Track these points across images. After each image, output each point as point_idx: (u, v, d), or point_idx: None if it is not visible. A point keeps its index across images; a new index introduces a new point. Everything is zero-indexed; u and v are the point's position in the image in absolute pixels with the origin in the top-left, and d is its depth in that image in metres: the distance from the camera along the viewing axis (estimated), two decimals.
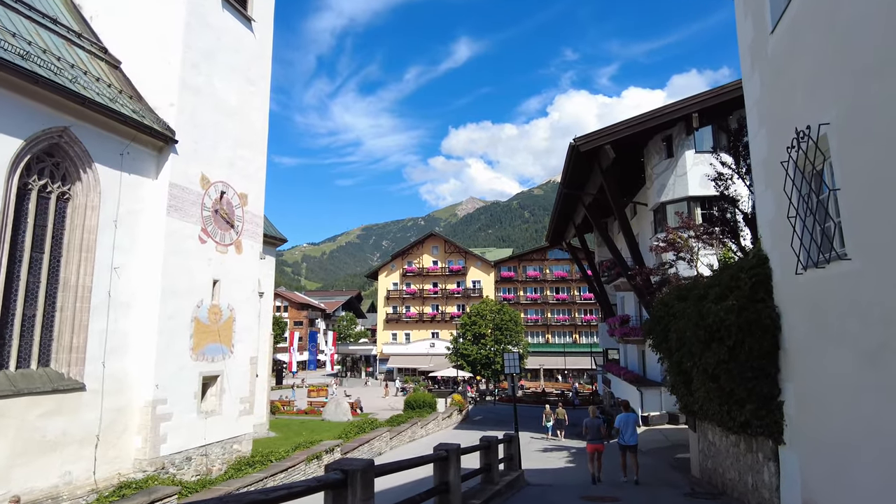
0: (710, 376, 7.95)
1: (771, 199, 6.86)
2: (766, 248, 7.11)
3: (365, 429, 18.65)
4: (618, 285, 28.47)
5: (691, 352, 8.44)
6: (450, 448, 6.64)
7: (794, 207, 5.80)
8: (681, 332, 8.99)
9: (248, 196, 20.69)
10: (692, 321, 8.20)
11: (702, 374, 8.36)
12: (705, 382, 8.46)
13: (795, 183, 5.78)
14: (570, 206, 28.39)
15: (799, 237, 5.68)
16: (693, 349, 8.31)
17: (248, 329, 20.37)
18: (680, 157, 20.66)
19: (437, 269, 71.58)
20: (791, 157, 5.79)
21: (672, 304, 10.49)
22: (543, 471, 15.15)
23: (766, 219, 7.05)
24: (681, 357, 9.75)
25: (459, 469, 6.63)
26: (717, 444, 9.99)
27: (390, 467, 4.86)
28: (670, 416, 20.50)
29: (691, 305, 8.61)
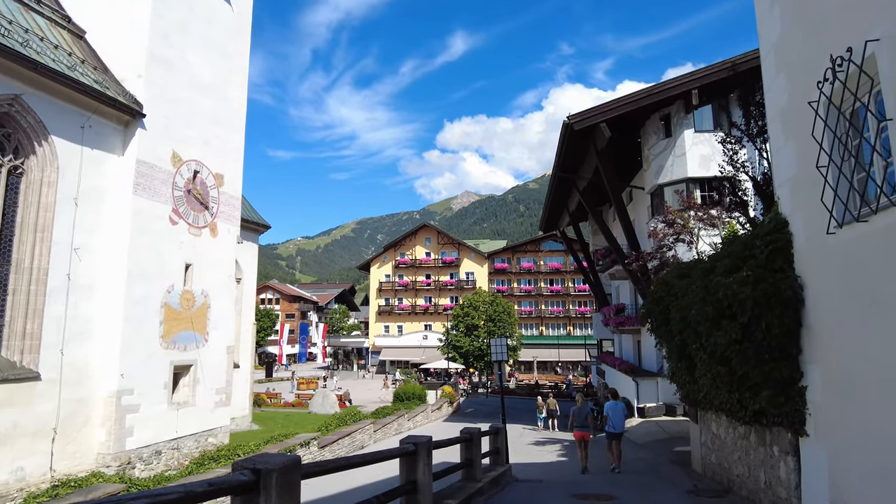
0: (719, 359, 7.02)
1: (792, 152, 5.90)
2: (786, 210, 6.16)
3: (347, 421, 17.72)
4: (613, 273, 27.57)
5: (697, 333, 7.50)
6: (419, 441, 5.69)
7: (827, 153, 4.84)
8: (684, 312, 8.05)
9: (225, 176, 19.63)
10: (698, 297, 7.25)
11: (708, 357, 7.43)
12: (712, 367, 7.53)
13: (829, 123, 4.82)
14: (564, 191, 27.44)
15: (833, 187, 4.73)
16: (699, 329, 7.36)
17: (225, 316, 19.36)
18: (678, 137, 19.72)
19: (429, 260, 70.64)
20: (823, 93, 4.83)
21: (673, 282, 9.55)
22: (534, 465, 14.26)
23: (786, 176, 6.09)
24: (683, 340, 8.82)
25: (430, 465, 5.68)
26: (722, 436, 9.08)
27: (329, 466, 3.88)
28: (667, 408, 19.65)
29: (697, 280, 7.66)
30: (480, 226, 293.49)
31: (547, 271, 67.29)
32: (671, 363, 10.70)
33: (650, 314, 10.70)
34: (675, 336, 9.58)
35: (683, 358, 9.34)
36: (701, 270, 7.64)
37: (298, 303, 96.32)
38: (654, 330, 10.86)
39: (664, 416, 19.62)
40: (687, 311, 7.85)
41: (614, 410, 12.49)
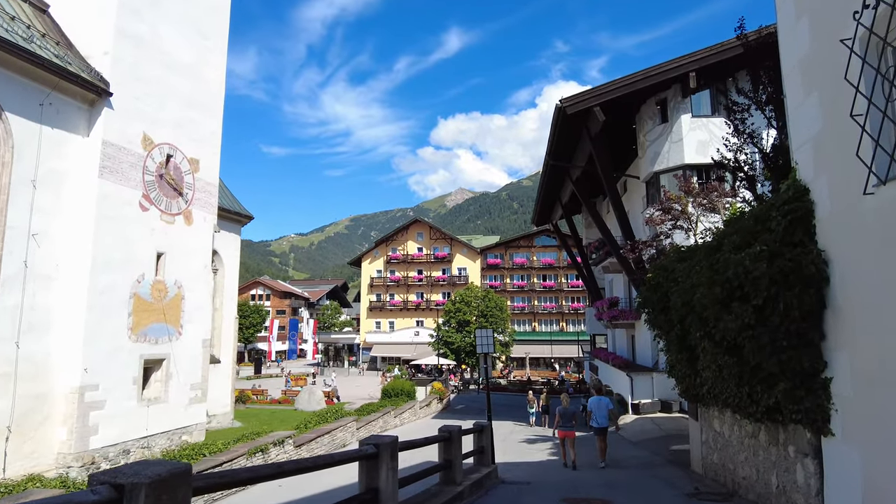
0: (727, 348, 6.21)
1: (814, 106, 5.09)
2: (806, 175, 5.36)
3: (328, 418, 16.88)
4: (606, 266, 26.80)
5: (701, 319, 6.69)
6: (381, 442, 4.85)
7: (866, 96, 4.02)
8: (686, 296, 7.24)
9: (200, 162, 18.70)
10: (703, 278, 6.44)
11: (714, 346, 6.63)
12: (718, 357, 6.74)
13: (868, 61, 4.00)
14: (556, 181, 26.64)
15: (874, 137, 3.91)
16: (704, 315, 6.55)
17: (200, 308, 18.46)
18: (675, 122, 18.94)
19: (421, 255, 69.71)
20: (861, 24, 4.00)
21: (673, 266, 8.76)
22: (523, 464, 13.46)
23: (807, 136, 5.28)
24: (685, 329, 8.03)
25: (395, 469, 4.86)
26: (726, 434, 8.30)
27: (240, 477, 3.03)
28: (663, 404, 18.90)
29: (701, 260, 6.85)
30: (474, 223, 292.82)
31: (540, 267, 66.54)
32: (670, 355, 9.91)
33: (647, 302, 9.90)
34: (674, 325, 8.79)
35: (684, 349, 8.55)
36: (706, 249, 6.83)
37: (289, 299, 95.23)
38: (651, 320, 10.06)
39: (659, 412, 18.88)
40: (690, 294, 7.04)
41: (598, 405, 12.48)
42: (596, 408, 12.46)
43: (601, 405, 12.55)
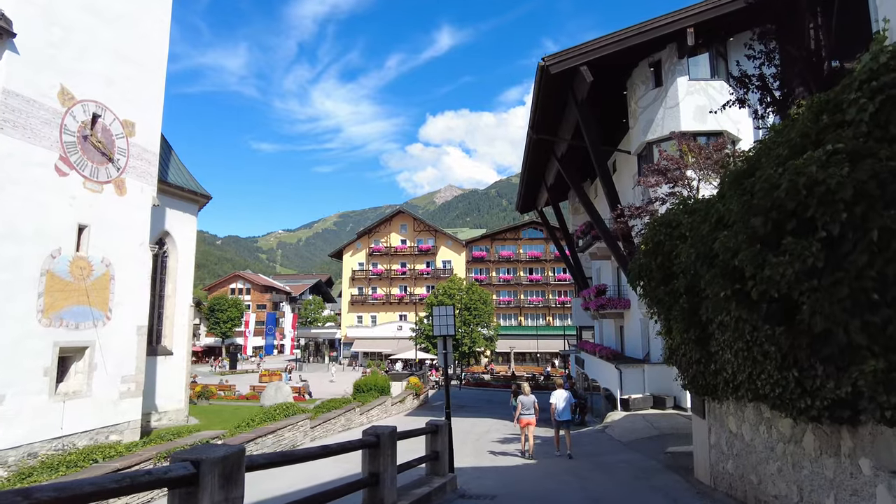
0: (769, 313, 4.20)
1: None
2: None
3: (276, 416, 14.82)
4: (594, 253, 24.88)
5: (727, 273, 4.66)
6: (204, 458, 2.79)
7: None
8: (702, 246, 5.25)
9: (137, 126, 16.46)
10: (733, 210, 4.43)
11: (747, 311, 4.63)
12: (748, 329, 4.77)
13: None
14: (541, 160, 24.65)
15: None
16: (732, 266, 4.52)
17: (134, 290, 16.28)
18: (671, 86, 17.00)
19: (405, 248, 67.59)
20: None
21: (678, 220, 6.79)
22: (495, 470, 11.46)
23: None
24: (695, 299, 6.10)
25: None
26: (747, 437, 6.33)
27: None
28: (655, 400, 17.00)
29: (728, 192, 4.84)
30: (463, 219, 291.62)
31: (526, 259, 64.67)
32: (671, 338, 7.95)
33: (642, 272, 7.91)
34: (679, 297, 6.81)
35: (693, 326, 6.58)
36: (734, 175, 4.81)
37: (270, 293, 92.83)
38: (647, 294, 8.09)
39: (652, 408, 16.99)
40: (706, 243, 5.04)
41: (561, 399, 12.75)
42: (559, 400, 12.69)
43: (564, 397, 12.79)
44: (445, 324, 8.83)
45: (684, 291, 6.62)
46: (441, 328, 8.83)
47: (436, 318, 8.96)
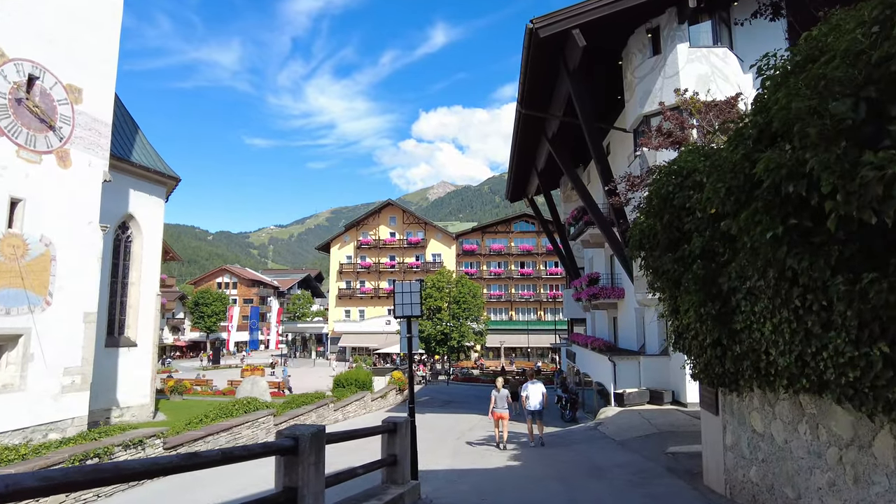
0: (841, 264, 2.79)
1: None
2: None
3: (234, 411, 13.37)
4: (586, 240, 23.55)
5: (771, 209, 3.26)
6: None
7: None
8: (735, 182, 3.86)
9: (85, 92, 14.91)
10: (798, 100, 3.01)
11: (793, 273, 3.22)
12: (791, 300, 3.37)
13: None
14: (531, 140, 23.23)
15: None
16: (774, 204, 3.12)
17: (82, 274, 14.75)
18: (670, 54, 15.63)
19: (394, 241, 66.02)
20: None
21: (692, 167, 5.41)
22: (474, 473, 10.08)
23: None
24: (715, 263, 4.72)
25: None
26: (778, 438, 4.97)
27: None
28: (652, 395, 15.69)
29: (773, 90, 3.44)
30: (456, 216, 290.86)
31: (518, 253, 63.30)
32: (678, 318, 6.58)
33: (645, 236, 6.53)
34: (692, 262, 5.45)
35: (711, 299, 5.21)
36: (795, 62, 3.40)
37: (258, 287, 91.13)
38: (649, 264, 6.72)
39: (648, 404, 15.67)
40: (740, 171, 3.65)
41: (533, 391, 13.26)
42: (532, 394, 13.17)
43: (537, 391, 13.25)
44: (409, 302, 7.41)
45: (700, 254, 5.24)
46: (404, 307, 7.41)
47: (398, 296, 7.55)
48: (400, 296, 7.48)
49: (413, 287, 7.57)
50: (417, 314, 7.50)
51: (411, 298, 7.42)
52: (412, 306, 7.41)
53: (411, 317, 7.50)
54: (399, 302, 7.50)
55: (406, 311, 7.43)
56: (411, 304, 7.41)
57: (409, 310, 7.40)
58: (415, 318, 7.56)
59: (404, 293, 7.44)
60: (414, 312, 7.46)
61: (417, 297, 7.50)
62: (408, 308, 7.40)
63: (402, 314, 7.50)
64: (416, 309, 7.46)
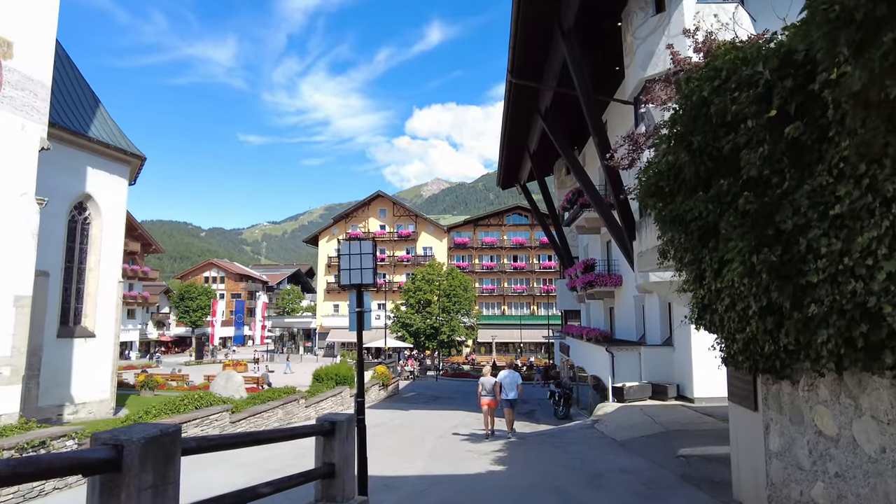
0: None
1: None
2: None
3: (183, 407, 11.76)
4: (581, 225, 21.98)
5: None
6: None
7: None
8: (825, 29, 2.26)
9: (16, 46, 13.19)
10: None
11: None
12: None
13: None
14: (523, 117, 21.60)
15: None
16: None
17: (12, 252, 13.04)
18: (675, 10, 14.05)
19: (384, 233, 64.28)
20: None
21: (740, 59, 3.81)
22: (449, 481, 8.50)
23: None
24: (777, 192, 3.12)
25: None
26: (867, 444, 3.40)
27: None
28: (654, 389, 14.15)
29: None
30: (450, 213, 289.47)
31: (510, 246, 61.74)
32: (706, 283, 5.02)
33: (664, 176, 4.94)
34: (737, 194, 3.87)
35: (768, 243, 3.63)
36: None
37: (246, 282, 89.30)
38: (667, 214, 5.12)
39: (650, 399, 14.14)
40: None
41: (508, 379, 13.25)
42: (508, 383, 13.18)
43: (511, 379, 13.26)
44: (359, 267, 5.76)
45: (748, 183, 3.65)
46: (352, 274, 5.75)
47: (344, 260, 5.86)
48: (346, 259, 5.79)
49: (364, 248, 5.91)
50: (370, 282, 5.87)
51: (361, 262, 5.78)
52: (363, 272, 5.76)
53: (362, 286, 5.86)
54: (346, 267, 5.83)
55: (355, 279, 5.76)
56: (361, 270, 5.77)
57: (358, 277, 5.74)
58: (367, 287, 5.94)
59: (352, 255, 5.77)
60: (365, 280, 5.81)
61: (370, 262, 5.85)
62: (357, 275, 5.73)
63: (348, 282, 5.84)
64: (367, 276, 5.81)
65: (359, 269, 5.83)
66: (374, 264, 5.91)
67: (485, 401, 13.08)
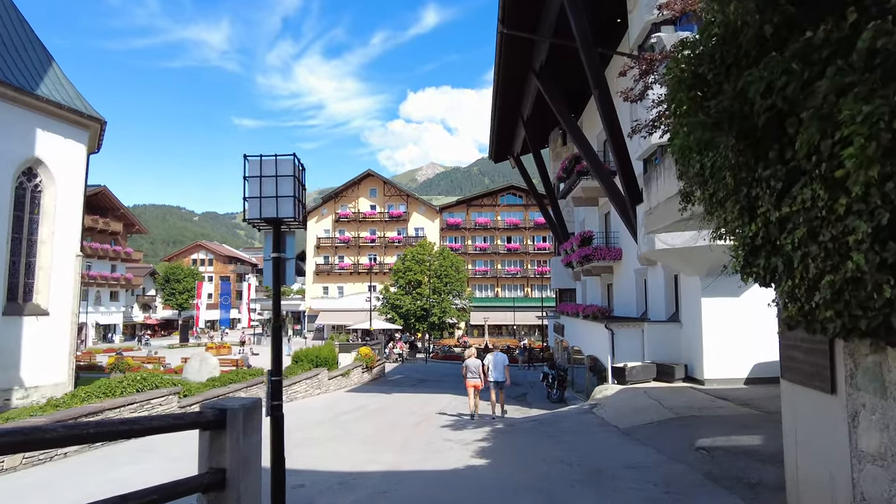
0: None
1: None
2: None
3: (120, 389, 10.24)
4: (578, 196, 20.39)
5: None
6: None
7: None
8: None
9: None
10: None
11: None
12: None
13: None
14: (516, 77, 19.90)
15: None
16: None
17: None
18: None
19: (374, 214, 62.52)
20: None
21: None
22: (417, 479, 7.00)
23: None
24: None
25: None
26: None
27: None
28: (659, 369, 12.68)
29: None
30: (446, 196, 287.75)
31: (504, 227, 60.14)
32: (762, 207, 3.45)
33: (706, 56, 3.33)
34: (841, 43, 2.25)
35: None
36: None
37: (234, 264, 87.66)
38: (710, 109, 3.53)
39: (654, 381, 12.67)
40: None
41: (495, 362, 13.12)
42: (494, 365, 13.05)
43: (498, 362, 13.11)
44: (274, 195, 4.05)
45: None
46: (262, 204, 4.00)
47: (251, 185, 4.08)
48: (256, 183, 4.02)
49: (282, 168, 4.19)
50: (291, 216, 4.21)
51: (277, 188, 4.08)
52: (279, 202, 4.08)
53: (281, 221, 4.20)
54: (255, 195, 4.10)
55: (268, 211, 4.06)
56: (277, 199, 4.07)
57: (273, 208, 4.02)
58: (288, 223, 4.29)
59: (264, 178, 4.03)
60: (284, 213, 4.12)
61: (291, 186, 4.18)
62: (270, 205, 4.01)
63: (257, 216, 4.13)
64: (287, 208, 4.11)
65: (274, 198, 4.19)
66: (296, 192, 4.28)
67: (470, 382, 12.88)
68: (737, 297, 12.01)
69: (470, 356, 13.53)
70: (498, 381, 13.04)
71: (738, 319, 11.87)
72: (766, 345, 12.16)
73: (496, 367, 13.05)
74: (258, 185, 4.20)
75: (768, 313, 12.16)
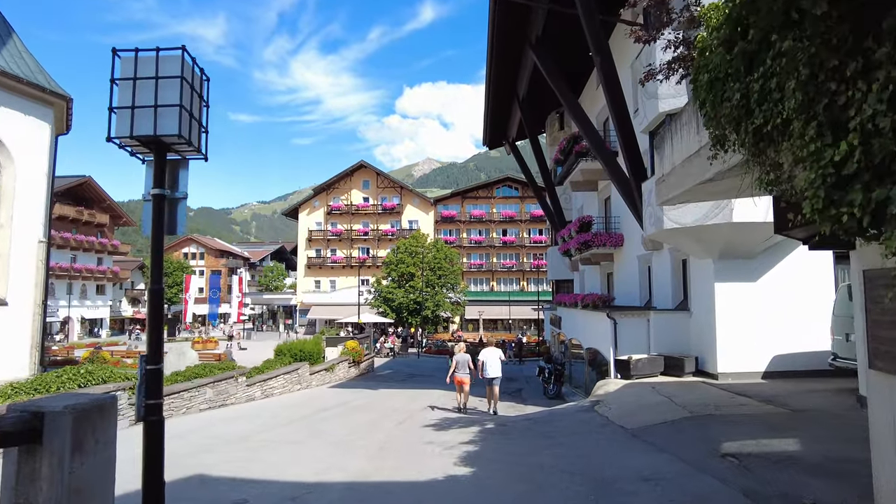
0: None
1: None
2: None
3: (57, 384, 8.98)
4: (577, 180, 19.11)
5: None
6: None
7: None
8: None
9: None
10: None
11: None
12: None
13: None
14: (510, 52, 18.62)
15: None
16: None
17: None
18: None
19: (368, 206, 61.17)
20: None
21: None
22: (383, 493, 5.77)
23: None
24: None
25: None
26: None
27: None
28: (667, 362, 11.47)
29: None
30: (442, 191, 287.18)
31: (500, 220, 58.86)
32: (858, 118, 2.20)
33: None
34: None
35: None
36: None
37: (226, 258, 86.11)
38: None
39: (661, 375, 11.46)
40: None
41: (489, 357, 12.78)
42: (487, 359, 12.71)
43: (492, 356, 12.79)
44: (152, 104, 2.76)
45: None
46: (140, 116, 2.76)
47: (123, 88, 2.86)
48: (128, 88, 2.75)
49: (166, 68, 2.89)
50: (175, 132, 2.92)
51: (157, 96, 2.80)
52: (164, 113, 2.80)
53: (163, 143, 2.92)
54: (129, 103, 2.84)
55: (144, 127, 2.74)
56: (156, 109, 2.82)
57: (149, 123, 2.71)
58: (177, 148, 3.03)
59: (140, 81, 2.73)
60: (166, 129, 2.82)
61: (177, 93, 2.90)
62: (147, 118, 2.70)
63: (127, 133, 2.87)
64: (170, 122, 2.75)
65: (152, 108, 2.94)
66: (187, 101, 3.03)
67: (458, 377, 12.81)
68: (753, 281, 10.82)
69: (460, 350, 13.37)
70: (493, 377, 12.65)
71: (756, 307, 10.68)
72: (787, 335, 10.98)
73: (493, 363, 12.70)
74: (131, 91, 2.95)
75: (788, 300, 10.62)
